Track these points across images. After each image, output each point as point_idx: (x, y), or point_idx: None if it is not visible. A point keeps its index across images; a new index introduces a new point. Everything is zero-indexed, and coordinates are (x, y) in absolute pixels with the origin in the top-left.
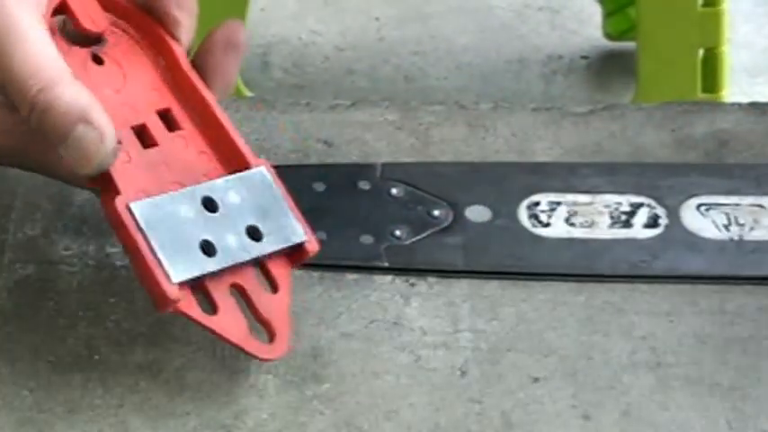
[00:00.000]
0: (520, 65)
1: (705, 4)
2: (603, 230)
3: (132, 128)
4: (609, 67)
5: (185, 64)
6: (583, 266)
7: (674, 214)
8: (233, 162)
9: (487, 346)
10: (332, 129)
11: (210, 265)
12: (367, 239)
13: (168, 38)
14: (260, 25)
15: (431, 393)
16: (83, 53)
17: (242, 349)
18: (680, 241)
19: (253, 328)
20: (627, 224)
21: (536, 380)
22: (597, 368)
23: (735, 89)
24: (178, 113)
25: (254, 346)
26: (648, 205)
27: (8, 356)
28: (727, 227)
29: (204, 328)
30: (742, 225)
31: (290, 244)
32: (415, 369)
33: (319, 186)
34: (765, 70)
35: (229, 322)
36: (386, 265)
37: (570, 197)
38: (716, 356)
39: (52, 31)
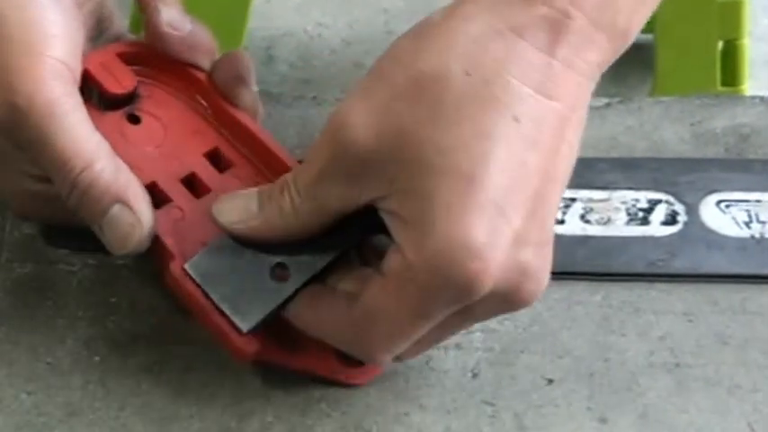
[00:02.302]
0: None
1: None
2: (620, 227)
3: (182, 180)
4: (625, 60)
5: (219, 97)
6: (599, 264)
7: (693, 211)
8: None
9: (500, 347)
10: None
11: (283, 293)
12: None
13: (199, 76)
14: (265, 17)
15: (442, 395)
16: (117, 117)
17: (335, 380)
18: (699, 239)
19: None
20: (644, 221)
21: (550, 381)
22: (614, 369)
23: (755, 82)
24: (227, 150)
25: (347, 374)
26: (667, 201)
27: (6, 358)
28: (747, 224)
29: (290, 368)
30: (763, 222)
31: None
32: (426, 370)
33: None
34: None
35: (316, 356)
36: None
37: (586, 193)
38: (736, 357)
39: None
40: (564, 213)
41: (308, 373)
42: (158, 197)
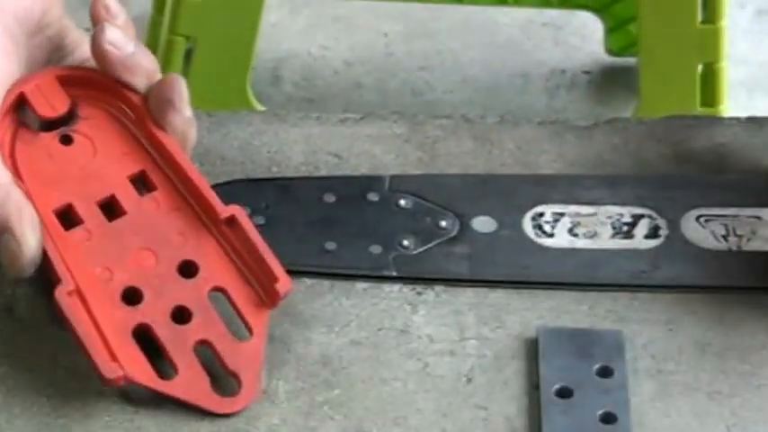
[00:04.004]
0: (524, 79)
1: (704, 21)
2: (605, 240)
3: (99, 201)
4: (611, 82)
5: (152, 122)
6: (585, 276)
7: (674, 225)
8: (205, 214)
9: (493, 354)
10: (341, 142)
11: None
12: (376, 249)
13: (134, 99)
14: (271, 40)
15: (438, 399)
16: (49, 137)
17: (202, 409)
18: (680, 252)
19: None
20: (628, 235)
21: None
22: None
23: (733, 104)
24: (153, 173)
25: (214, 402)
26: (650, 216)
27: (27, 364)
28: (725, 237)
29: (158, 394)
30: (740, 236)
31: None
32: (422, 375)
33: (329, 198)
34: (763, 85)
35: (188, 384)
36: (394, 274)
37: (573, 208)
38: (715, 364)
39: (15, 126)
40: (553, 227)
41: (177, 400)
42: (71, 218)
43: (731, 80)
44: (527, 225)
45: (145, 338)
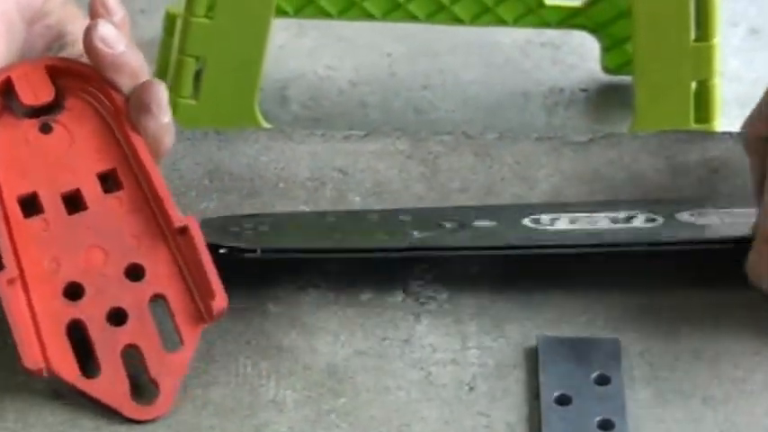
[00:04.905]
0: (523, 98)
1: (697, 39)
2: (605, 226)
3: (64, 193)
4: (607, 99)
5: (129, 124)
6: (589, 239)
7: (669, 217)
8: (162, 221)
9: (494, 363)
10: (346, 158)
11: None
12: (382, 237)
13: (117, 98)
14: (279, 61)
15: (441, 407)
16: (31, 124)
17: (118, 412)
18: (680, 225)
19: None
20: (627, 221)
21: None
22: None
23: (725, 119)
24: (124, 173)
25: (130, 407)
26: (645, 214)
27: None
28: (721, 220)
29: (78, 392)
30: (731, 223)
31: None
32: (425, 384)
33: (330, 217)
34: (754, 102)
35: (108, 385)
36: (401, 245)
37: (570, 215)
38: (710, 371)
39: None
40: (552, 224)
41: (96, 401)
42: (33, 207)
43: (724, 97)
44: (526, 223)
45: (78, 335)
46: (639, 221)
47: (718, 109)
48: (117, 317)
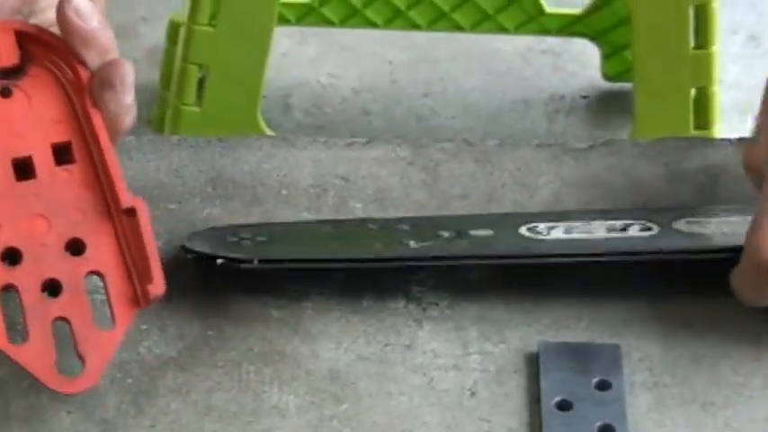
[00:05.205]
0: (524, 105)
1: (697, 47)
2: (601, 235)
3: (15, 159)
4: (607, 106)
5: (90, 99)
6: (585, 248)
7: (666, 226)
8: (111, 200)
9: (495, 368)
10: (348, 165)
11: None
12: (379, 246)
13: (82, 73)
14: (281, 69)
15: (442, 413)
16: None
17: (41, 382)
18: (676, 234)
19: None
20: (623, 231)
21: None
22: None
23: (725, 126)
24: (78, 148)
25: (53, 379)
26: (640, 224)
27: None
28: (718, 228)
29: (6, 356)
30: (727, 233)
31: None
32: (427, 390)
33: (327, 227)
34: (753, 108)
35: (34, 354)
36: (399, 255)
37: (566, 223)
38: (709, 376)
39: None
40: (548, 233)
41: (25, 369)
42: None
43: (723, 104)
44: (523, 232)
45: (11, 302)
46: (635, 230)
47: (718, 116)
48: (52, 288)
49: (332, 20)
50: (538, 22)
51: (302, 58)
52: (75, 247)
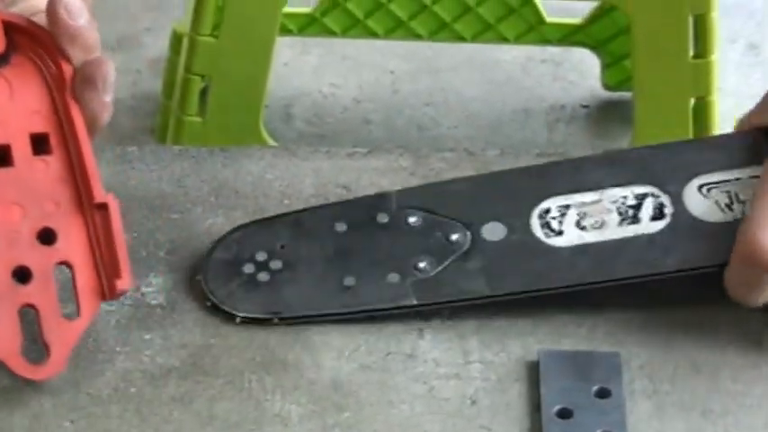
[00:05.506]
0: (525, 114)
1: (696, 56)
2: (614, 230)
3: None
4: (607, 115)
5: (71, 94)
6: (600, 274)
7: (677, 200)
8: (84, 194)
9: (496, 377)
10: (350, 174)
11: None
12: (393, 278)
13: (65, 68)
14: (283, 79)
15: (444, 421)
16: None
17: (7, 367)
18: (687, 231)
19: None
20: (635, 219)
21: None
22: None
23: None
24: (55, 140)
25: (17, 364)
26: (652, 194)
27: (51, 390)
28: (729, 206)
29: None
30: (743, 202)
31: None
32: (428, 398)
33: (341, 226)
34: None
35: (1, 338)
36: (414, 302)
37: (578, 197)
38: (709, 384)
39: None
40: (560, 223)
41: None
42: None
43: (722, 112)
44: (535, 225)
45: None
46: (647, 212)
47: (717, 125)
48: (22, 275)
49: (334, 30)
50: (538, 32)
51: (304, 68)
52: (47, 237)
